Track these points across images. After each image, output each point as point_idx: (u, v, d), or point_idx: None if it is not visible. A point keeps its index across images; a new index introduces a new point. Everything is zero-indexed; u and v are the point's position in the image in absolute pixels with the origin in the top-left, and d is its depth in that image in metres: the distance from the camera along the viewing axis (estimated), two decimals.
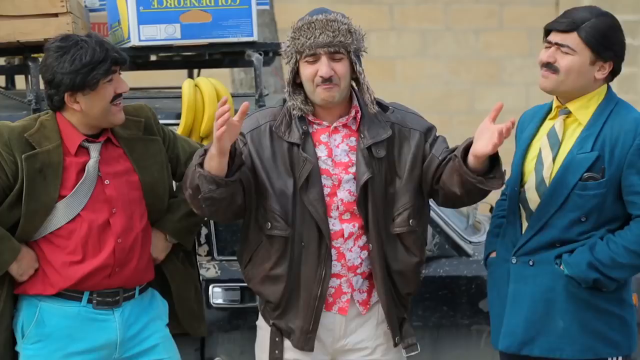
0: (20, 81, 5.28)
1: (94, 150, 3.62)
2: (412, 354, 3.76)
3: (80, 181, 3.58)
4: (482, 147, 3.51)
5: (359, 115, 3.68)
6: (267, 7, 6.27)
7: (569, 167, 3.59)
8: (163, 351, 3.74)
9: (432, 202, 4.43)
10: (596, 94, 3.64)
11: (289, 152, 3.62)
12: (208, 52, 4.53)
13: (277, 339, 3.72)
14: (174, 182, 3.85)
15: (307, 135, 3.63)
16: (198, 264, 4.18)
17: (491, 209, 5.36)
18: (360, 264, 3.69)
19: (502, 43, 9.61)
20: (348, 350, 3.75)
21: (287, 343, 3.71)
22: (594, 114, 3.61)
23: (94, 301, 3.63)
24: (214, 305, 4.20)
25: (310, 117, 3.66)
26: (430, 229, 4.29)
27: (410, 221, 3.66)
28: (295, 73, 3.64)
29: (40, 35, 4.10)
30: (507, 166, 3.79)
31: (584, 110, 3.63)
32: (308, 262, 3.63)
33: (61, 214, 3.57)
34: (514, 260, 3.68)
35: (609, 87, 3.68)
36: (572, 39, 3.58)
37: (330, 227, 3.64)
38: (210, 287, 4.20)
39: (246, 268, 3.73)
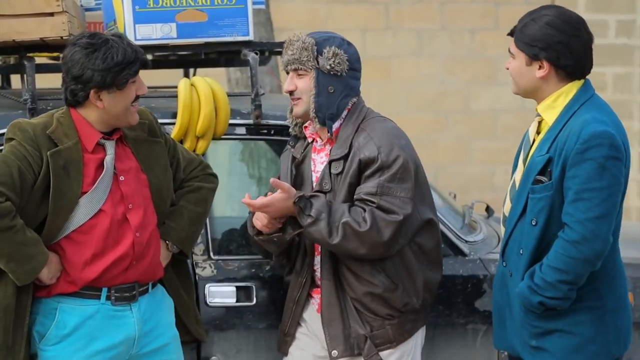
0: (15, 80, 5.28)
1: (110, 147, 3.66)
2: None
3: (101, 176, 3.62)
4: None
5: (334, 133, 3.82)
6: (262, 6, 6.25)
7: (530, 170, 3.63)
8: (172, 351, 3.80)
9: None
10: (562, 94, 3.63)
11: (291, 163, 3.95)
12: (204, 51, 4.53)
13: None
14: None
15: (309, 150, 3.89)
16: (194, 262, 4.19)
17: (487, 209, 5.38)
18: None
19: (497, 43, 9.59)
20: None
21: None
22: (559, 115, 3.62)
23: (113, 297, 3.65)
24: (210, 304, 4.20)
25: (308, 132, 3.91)
26: None
27: None
28: None
29: (35, 35, 4.10)
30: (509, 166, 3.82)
31: (550, 111, 3.65)
32: (297, 267, 3.87)
33: (83, 210, 3.60)
34: (504, 264, 3.74)
35: (583, 86, 3.65)
36: (512, 44, 3.67)
37: None
38: (207, 287, 4.20)
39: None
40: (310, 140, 3.91)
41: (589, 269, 3.55)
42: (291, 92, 3.81)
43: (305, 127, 3.89)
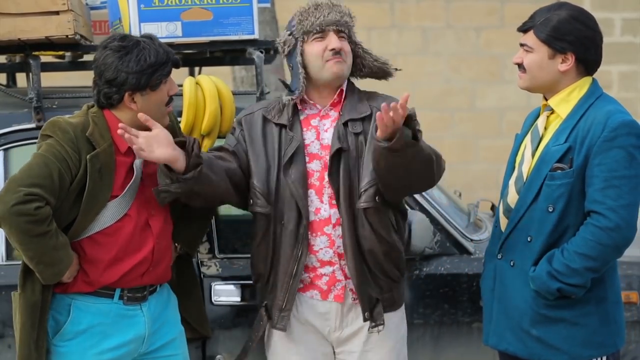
0: (21, 79, 5.28)
1: None
2: (374, 331, 3.83)
3: (132, 180, 3.61)
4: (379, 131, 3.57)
5: (342, 94, 3.83)
6: (268, 5, 6.27)
7: (544, 160, 3.65)
8: (179, 346, 3.82)
9: (432, 200, 4.45)
10: (576, 88, 3.67)
11: (279, 134, 3.80)
12: (209, 49, 4.53)
13: (260, 323, 3.87)
14: None
15: (296, 119, 3.81)
16: (200, 261, 4.20)
17: (492, 207, 5.38)
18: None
19: (503, 40, 9.59)
20: (344, 340, 3.86)
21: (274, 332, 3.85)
22: (574, 108, 3.66)
23: (125, 297, 3.66)
24: (215, 303, 4.20)
25: (303, 99, 3.81)
26: (431, 227, 4.29)
27: (377, 198, 3.75)
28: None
29: (41, 33, 4.10)
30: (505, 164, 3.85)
31: (564, 105, 3.68)
32: (287, 241, 3.77)
33: (110, 212, 3.59)
34: (499, 256, 3.75)
35: (593, 82, 3.71)
36: (529, 37, 3.68)
37: (322, 212, 3.78)
38: (212, 285, 4.20)
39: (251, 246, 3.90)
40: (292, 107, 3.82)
41: (616, 257, 3.61)
42: (338, 51, 3.77)
43: (302, 99, 3.82)
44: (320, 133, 3.82)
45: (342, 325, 3.85)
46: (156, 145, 3.55)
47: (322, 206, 3.78)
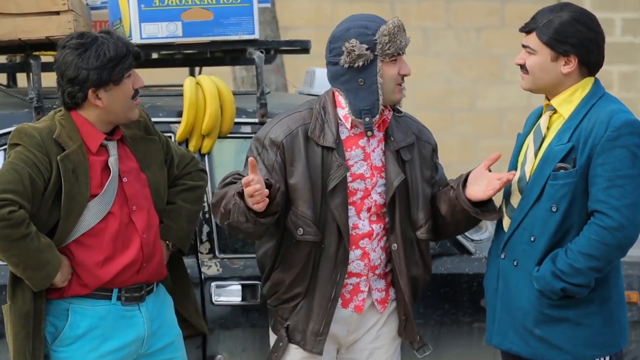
0: (21, 79, 5.28)
1: (113, 148, 3.64)
2: (425, 355, 3.96)
3: (109, 179, 3.60)
4: (478, 193, 3.70)
5: (389, 117, 3.79)
6: (268, 5, 6.26)
7: (547, 159, 3.65)
8: (177, 349, 3.82)
9: None
10: (579, 88, 3.67)
11: (322, 156, 3.69)
12: (209, 50, 4.53)
13: (280, 344, 3.81)
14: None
15: (340, 139, 3.72)
16: (200, 261, 4.20)
17: None
18: (379, 264, 3.82)
19: (503, 41, 9.60)
20: (356, 341, 3.88)
21: (291, 347, 3.79)
22: (577, 108, 3.66)
23: (123, 298, 3.65)
24: (215, 303, 4.20)
25: (350, 122, 3.72)
26: None
27: (432, 230, 3.84)
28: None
29: (41, 33, 4.10)
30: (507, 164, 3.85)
31: (566, 105, 3.68)
32: (325, 265, 3.72)
33: (92, 213, 3.58)
34: (502, 256, 3.75)
35: (596, 82, 3.71)
36: (532, 39, 3.67)
37: (360, 227, 3.75)
38: (212, 285, 4.20)
39: (273, 273, 3.79)
40: (347, 129, 3.73)
41: (619, 257, 3.61)
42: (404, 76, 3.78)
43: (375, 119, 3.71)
44: (369, 155, 3.75)
45: (359, 327, 3.86)
46: (259, 195, 3.46)
47: (360, 222, 3.75)
